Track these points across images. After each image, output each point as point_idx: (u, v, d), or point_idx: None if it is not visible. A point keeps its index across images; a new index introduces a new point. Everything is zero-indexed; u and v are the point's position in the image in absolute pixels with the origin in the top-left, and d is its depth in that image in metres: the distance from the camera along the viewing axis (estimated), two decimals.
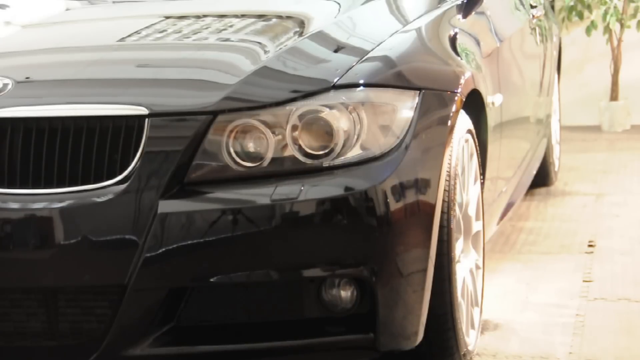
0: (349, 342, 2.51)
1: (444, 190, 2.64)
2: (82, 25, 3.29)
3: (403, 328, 2.54)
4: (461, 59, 2.99)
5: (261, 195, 2.41)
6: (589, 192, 5.37)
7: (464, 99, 2.81)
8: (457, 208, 2.75)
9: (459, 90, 2.79)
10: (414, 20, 3.05)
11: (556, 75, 5.55)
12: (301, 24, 3.01)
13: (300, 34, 2.83)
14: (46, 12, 3.41)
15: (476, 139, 3.04)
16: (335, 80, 2.52)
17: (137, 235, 2.37)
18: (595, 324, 3.29)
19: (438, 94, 2.71)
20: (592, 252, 4.16)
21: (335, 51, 2.77)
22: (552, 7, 6.23)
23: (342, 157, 2.46)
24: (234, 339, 2.47)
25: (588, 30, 7.44)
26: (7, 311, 2.46)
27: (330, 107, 2.47)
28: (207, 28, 2.99)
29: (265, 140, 2.45)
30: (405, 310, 2.51)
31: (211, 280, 2.40)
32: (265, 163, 2.44)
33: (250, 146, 2.45)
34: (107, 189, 2.40)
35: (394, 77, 2.65)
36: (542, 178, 5.31)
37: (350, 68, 2.58)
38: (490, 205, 3.46)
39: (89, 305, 2.43)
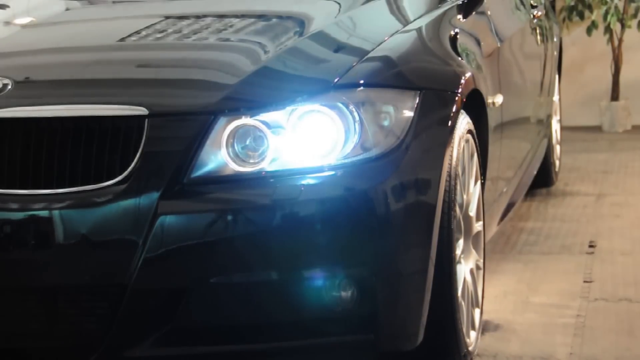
0: (349, 343, 2.50)
1: (445, 190, 2.63)
2: (82, 25, 3.29)
3: (403, 329, 2.53)
4: (462, 59, 2.99)
5: (261, 195, 2.40)
6: (590, 192, 5.36)
7: (464, 99, 2.81)
8: (457, 208, 2.74)
9: (460, 90, 2.79)
10: (415, 20, 3.05)
11: (557, 76, 5.55)
12: (301, 24, 3.00)
13: (301, 34, 2.83)
14: (46, 12, 3.40)
15: (476, 139, 3.04)
16: (335, 80, 2.52)
17: (137, 235, 2.36)
18: (596, 324, 3.29)
19: (438, 94, 2.71)
20: (592, 253, 4.15)
21: (336, 51, 2.77)
22: (553, 7, 6.22)
23: (342, 157, 2.46)
24: (234, 339, 2.47)
25: (589, 30, 7.43)
26: (7, 311, 2.46)
27: (331, 107, 2.47)
28: (207, 28, 2.99)
29: (265, 140, 2.45)
30: (405, 310, 2.51)
31: (211, 280, 2.40)
32: (265, 163, 2.44)
33: (250, 146, 2.45)
34: (107, 189, 2.39)
35: (394, 77, 2.64)
36: (542, 178, 5.30)
37: (351, 68, 2.57)
38: (491, 205, 3.46)
39: (89, 305, 2.43)
